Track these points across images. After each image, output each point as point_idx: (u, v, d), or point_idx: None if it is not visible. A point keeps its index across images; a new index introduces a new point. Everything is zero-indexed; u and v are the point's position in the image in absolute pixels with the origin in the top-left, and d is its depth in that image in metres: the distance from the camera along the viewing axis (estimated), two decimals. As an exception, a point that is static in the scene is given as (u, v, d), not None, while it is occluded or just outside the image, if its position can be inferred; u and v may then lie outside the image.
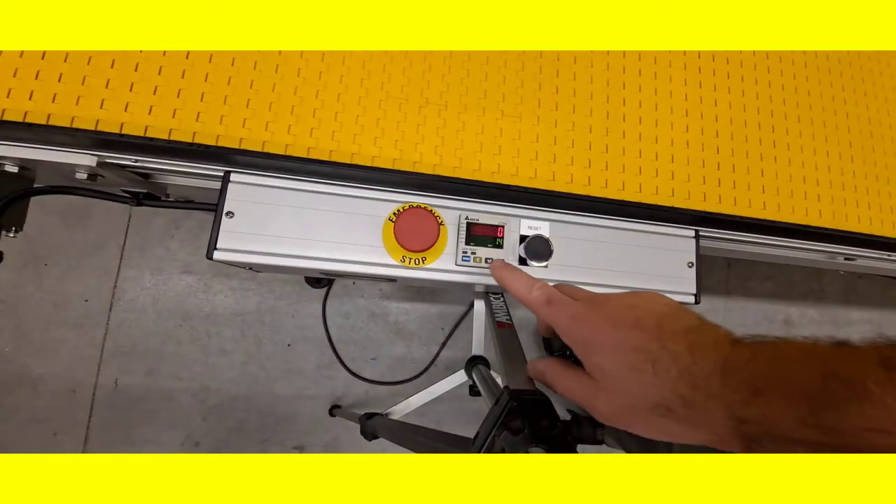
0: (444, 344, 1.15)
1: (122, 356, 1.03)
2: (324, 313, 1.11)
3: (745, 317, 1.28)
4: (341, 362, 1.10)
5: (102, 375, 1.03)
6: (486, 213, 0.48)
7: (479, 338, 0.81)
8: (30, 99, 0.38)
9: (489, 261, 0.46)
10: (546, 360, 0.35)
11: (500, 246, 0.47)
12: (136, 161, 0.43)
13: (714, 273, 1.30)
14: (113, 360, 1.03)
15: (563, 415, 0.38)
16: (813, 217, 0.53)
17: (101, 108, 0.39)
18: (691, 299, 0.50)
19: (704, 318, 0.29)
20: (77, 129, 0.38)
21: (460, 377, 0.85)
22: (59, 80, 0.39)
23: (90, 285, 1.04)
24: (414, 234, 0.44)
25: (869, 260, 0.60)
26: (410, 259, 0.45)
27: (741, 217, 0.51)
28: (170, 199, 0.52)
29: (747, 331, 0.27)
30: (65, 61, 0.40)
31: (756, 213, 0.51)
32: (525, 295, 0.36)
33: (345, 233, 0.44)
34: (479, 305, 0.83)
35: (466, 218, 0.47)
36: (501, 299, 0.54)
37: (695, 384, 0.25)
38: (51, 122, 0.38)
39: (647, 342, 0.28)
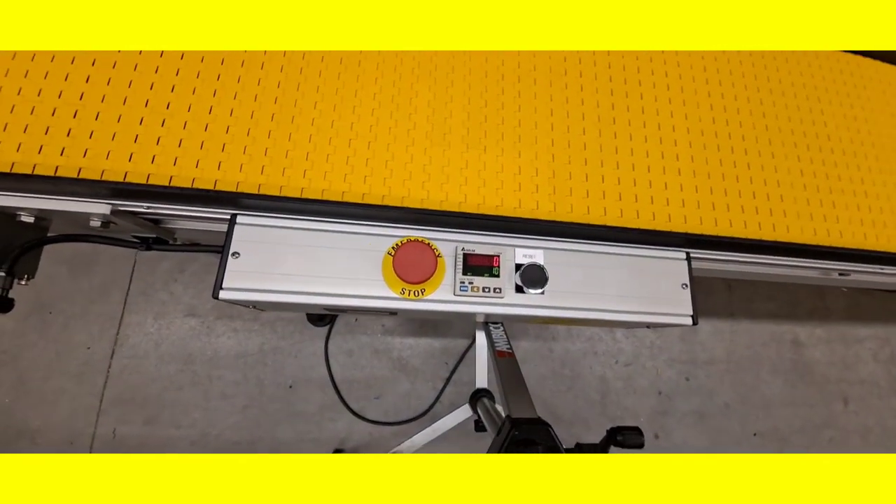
0: (447, 381, 1.13)
1: (121, 404, 1.02)
2: (326, 353, 1.10)
3: (753, 339, 1.26)
4: (344, 404, 1.08)
5: (101, 425, 1.00)
6: (482, 243, 0.49)
7: (482, 371, 0.80)
8: (38, 153, 0.42)
9: (486, 290, 0.47)
10: None
11: (496, 275, 0.48)
12: (149, 208, 0.45)
13: (716, 296, 1.29)
14: (112, 409, 1.01)
15: (568, 443, 0.37)
16: (808, 235, 0.55)
17: (129, 161, 0.43)
18: (688, 321, 0.51)
19: None
20: (101, 182, 0.41)
21: (465, 412, 0.83)
22: (67, 136, 0.42)
23: (93, 332, 1.04)
24: (413, 266, 0.45)
25: (863, 274, 0.61)
26: (410, 291, 0.46)
27: (729, 237, 0.52)
28: (177, 243, 0.54)
29: (756, 353, 0.27)
30: (73, 117, 0.43)
31: (752, 233, 0.53)
32: None
33: (346, 268, 0.46)
34: (482, 338, 0.82)
35: (463, 249, 0.48)
36: (501, 328, 0.55)
37: None
38: (81, 175, 0.41)
39: None
